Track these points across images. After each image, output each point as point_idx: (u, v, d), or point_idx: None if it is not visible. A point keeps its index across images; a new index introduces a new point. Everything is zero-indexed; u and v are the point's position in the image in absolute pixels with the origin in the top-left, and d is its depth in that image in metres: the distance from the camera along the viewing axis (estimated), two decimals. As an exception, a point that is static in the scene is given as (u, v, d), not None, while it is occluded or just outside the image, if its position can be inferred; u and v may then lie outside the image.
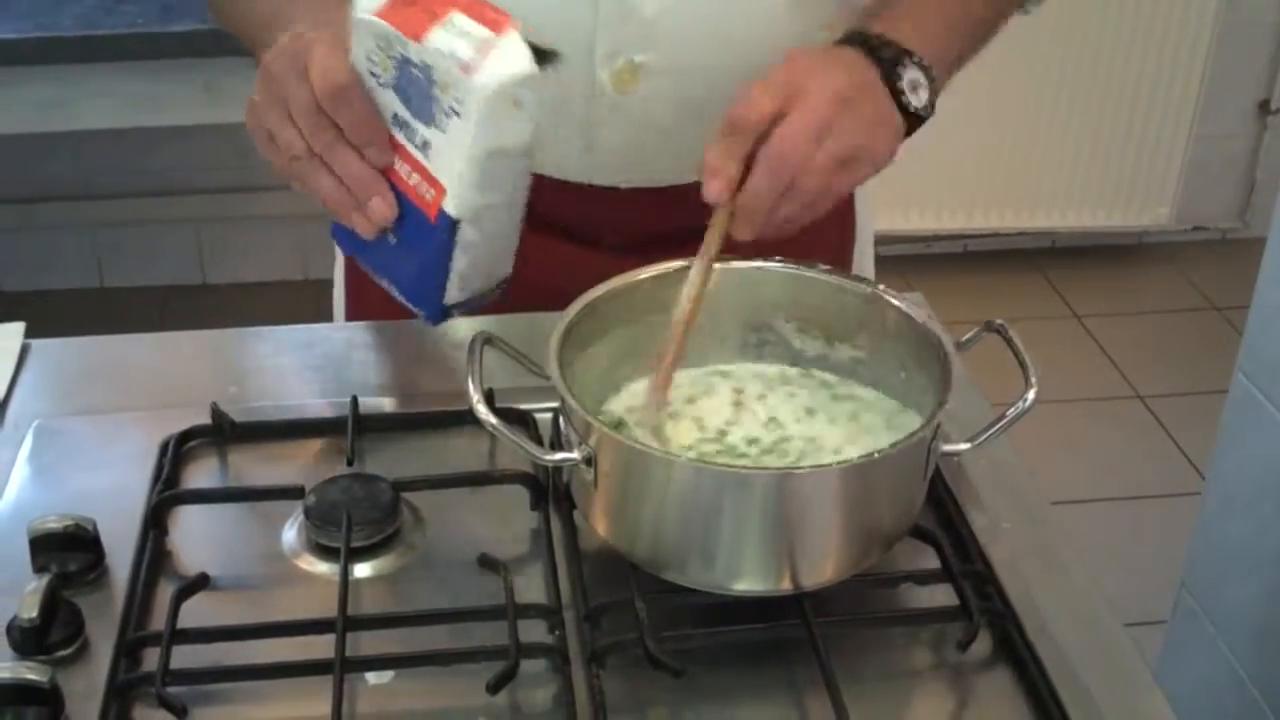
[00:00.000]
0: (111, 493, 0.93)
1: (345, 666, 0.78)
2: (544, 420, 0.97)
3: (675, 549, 0.82)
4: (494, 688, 0.77)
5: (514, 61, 0.83)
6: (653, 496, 0.82)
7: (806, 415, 0.92)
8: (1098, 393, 2.89)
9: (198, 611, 0.83)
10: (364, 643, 0.81)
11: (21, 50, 2.17)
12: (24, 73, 2.19)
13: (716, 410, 0.93)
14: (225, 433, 0.98)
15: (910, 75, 0.94)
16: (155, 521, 0.90)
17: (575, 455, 0.82)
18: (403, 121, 0.88)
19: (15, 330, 1.11)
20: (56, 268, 3.10)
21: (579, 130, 1.06)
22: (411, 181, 0.88)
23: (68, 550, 0.85)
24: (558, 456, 0.83)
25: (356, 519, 0.88)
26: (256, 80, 0.90)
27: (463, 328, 1.10)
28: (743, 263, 0.95)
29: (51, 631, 0.80)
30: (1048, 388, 0.85)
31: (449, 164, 0.86)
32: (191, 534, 0.91)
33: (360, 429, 0.98)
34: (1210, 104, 3.10)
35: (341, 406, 1.00)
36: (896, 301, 0.93)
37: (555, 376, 0.84)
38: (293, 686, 0.79)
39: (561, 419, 0.88)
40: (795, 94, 0.88)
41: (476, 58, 0.82)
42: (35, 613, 0.79)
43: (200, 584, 0.85)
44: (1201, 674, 1.69)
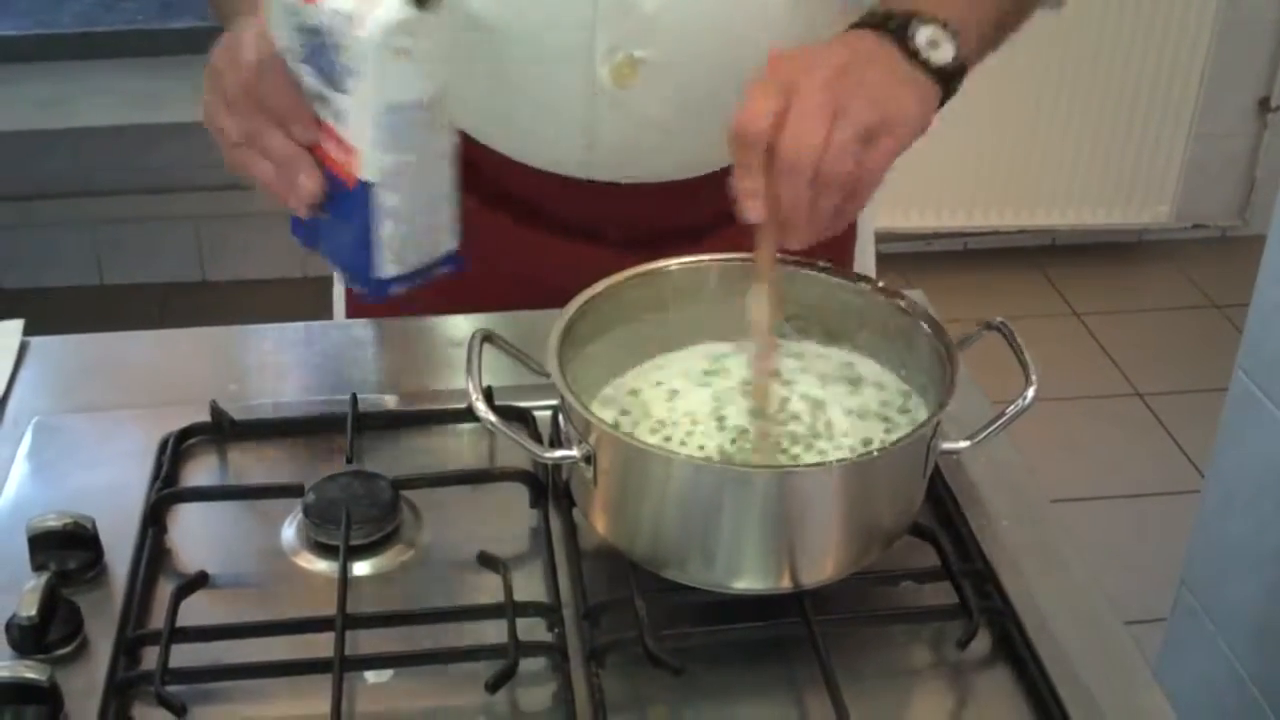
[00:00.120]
0: (110, 490, 0.93)
1: (344, 665, 0.78)
2: (543, 418, 0.97)
3: (675, 547, 0.82)
4: (493, 686, 0.77)
5: (391, 7, 0.81)
6: (652, 494, 0.82)
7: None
8: (1098, 391, 2.89)
9: (197, 610, 0.83)
10: (363, 641, 0.81)
11: (21, 47, 2.17)
12: (23, 70, 2.19)
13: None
14: (224, 430, 0.98)
15: (925, 33, 0.90)
16: (154, 519, 0.90)
17: (575, 453, 0.82)
18: (321, 95, 0.86)
19: (14, 327, 1.11)
20: (56, 265, 3.10)
21: (579, 127, 1.05)
22: (335, 155, 0.87)
23: (67, 548, 0.85)
24: (557, 454, 0.83)
25: (356, 517, 0.88)
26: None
27: (462, 326, 1.11)
28: (743, 261, 0.94)
29: (50, 630, 0.80)
30: (1047, 386, 0.85)
31: (359, 128, 0.85)
32: (191, 532, 0.91)
33: (359, 427, 0.98)
34: (1210, 102, 3.10)
35: (341, 404, 1.00)
36: (897, 300, 0.93)
37: (555, 374, 0.84)
38: (292, 685, 0.79)
39: (561, 417, 0.88)
40: (790, 87, 0.84)
41: (361, 10, 0.81)
42: (34, 611, 0.79)
43: (199, 582, 0.85)
44: (1201, 672, 1.69)
